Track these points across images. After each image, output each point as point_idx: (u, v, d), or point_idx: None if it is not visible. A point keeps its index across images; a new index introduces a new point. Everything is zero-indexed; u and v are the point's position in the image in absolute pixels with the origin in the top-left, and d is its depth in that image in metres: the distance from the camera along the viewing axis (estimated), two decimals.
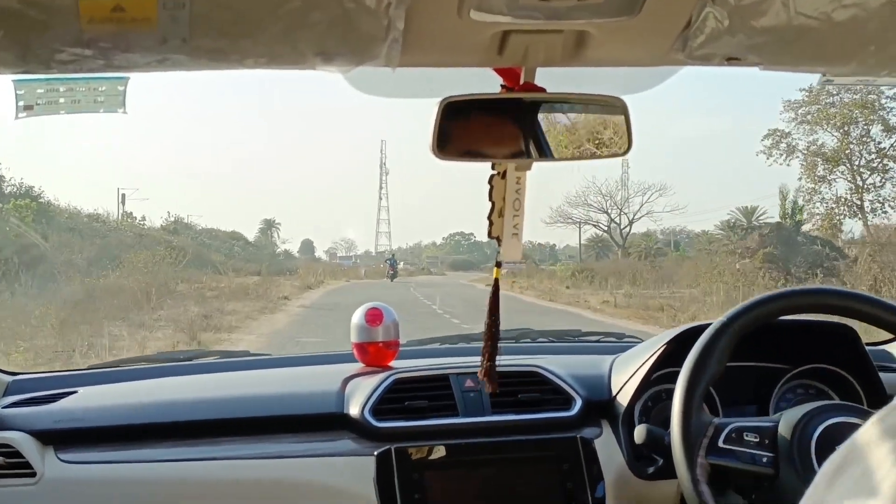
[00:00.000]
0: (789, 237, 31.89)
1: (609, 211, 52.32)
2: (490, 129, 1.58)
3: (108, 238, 31.24)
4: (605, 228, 53.88)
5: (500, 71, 1.59)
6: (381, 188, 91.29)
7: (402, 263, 68.12)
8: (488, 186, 1.68)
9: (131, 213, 44.24)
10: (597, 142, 1.62)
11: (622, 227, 53.23)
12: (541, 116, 1.60)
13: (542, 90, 1.56)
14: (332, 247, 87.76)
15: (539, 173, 1.69)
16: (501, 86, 1.60)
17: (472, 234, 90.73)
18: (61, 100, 1.68)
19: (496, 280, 1.76)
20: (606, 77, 1.68)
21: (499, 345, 2.85)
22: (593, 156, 1.65)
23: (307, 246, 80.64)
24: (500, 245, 1.71)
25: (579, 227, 54.79)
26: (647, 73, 1.74)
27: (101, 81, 1.69)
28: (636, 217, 52.67)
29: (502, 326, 1.87)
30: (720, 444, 1.78)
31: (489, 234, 1.70)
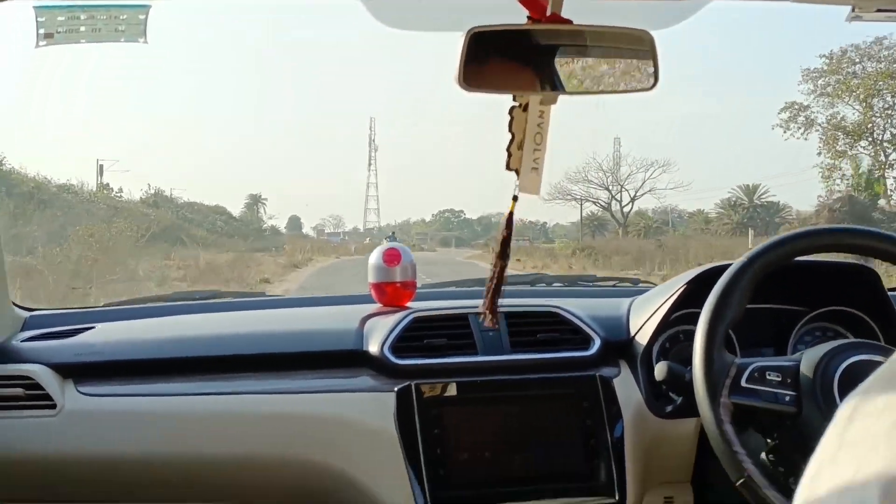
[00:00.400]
0: (864, 212, 29.36)
1: (610, 187, 49.85)
2: (516, 60, 1.56)
3: (74, 210, 27.51)
4: (605, 205, 51.60)
5: (525, 2, 1.57)
6: (369, 164, 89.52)
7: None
8: (508, 118, 1.65)
9: (108, 184, 39.98)
10: (622, 76, 1.60)
11: (623, 204, 50.81)
12: (566, 49, 1.58)
13: (569, 22, 1.54)
14: (319, 223, 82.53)
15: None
16: (527, 17, 1.58)
17: (461, 210, 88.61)
18: (82, 28, 1.66)
19: (510, 213, 1.74)
20: (633, 11, 1.66)
21: (515, 287, 2.86)
22: (619, 90, 1.63)
23: (294, 222, 76.52)
24: (518, 177, 1.68)
25: (580, 204, 51.94)
26: (674, 6, 1.72)
27: (121, 10, 1.67)
28: (638, 194, 50.33)
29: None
30: (743, 383, 1.78)
31: (507, 166, 1.67)
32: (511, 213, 1.76)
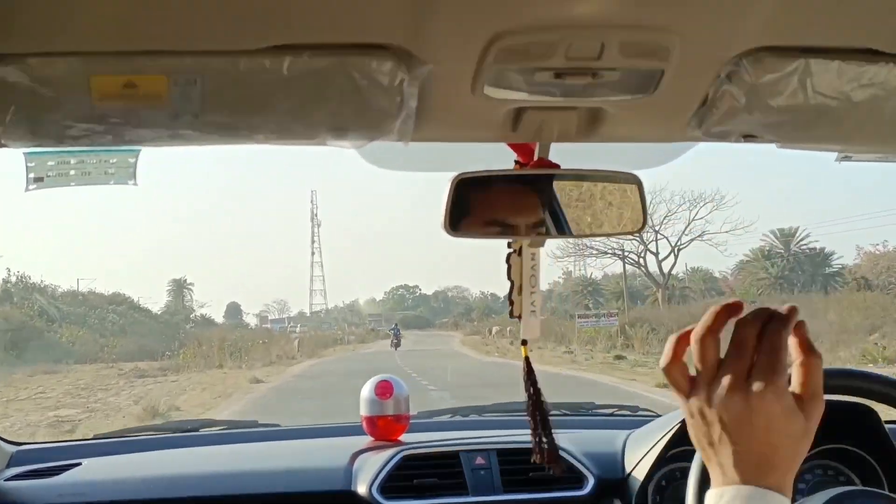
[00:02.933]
0: None
1: (643, 234, 39.13)
2: (504, 205, 1.56)
3: None
4: (636, 261, 41.52)
5: (513, 146, 1.58)
6: (312, 241, 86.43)
7: (344, 325, 61.38)
8: (506, 265, 1.66)
9: None
10: (612, 218, 1.60)
11: (661, 257, 40.80)
12: (555, 192, 1.59)
13: (557, 166, 1.55)
14: (263, 310, 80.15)
15: None
16: (515, 161, 1.58)
17: (416, 286, 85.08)
18: (72, 172, 1.67)
19: (526, 358, 1.73)
20: (621, 152, 1.66)
21: (508, 417, 2.81)
22: (607, 233, 1.63)
23: (234, 310, 73.71)
24: (521, 322, 1.68)
25: (622, 260, 41.65)
26: (663, 148, 1.73)
27: (111, 154, 1.69)
28: (682, 242, 39.45)
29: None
30: None
31: (511, 314, 1.68)
32: (527, 358, 1.75)
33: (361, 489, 2.10)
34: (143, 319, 41.50)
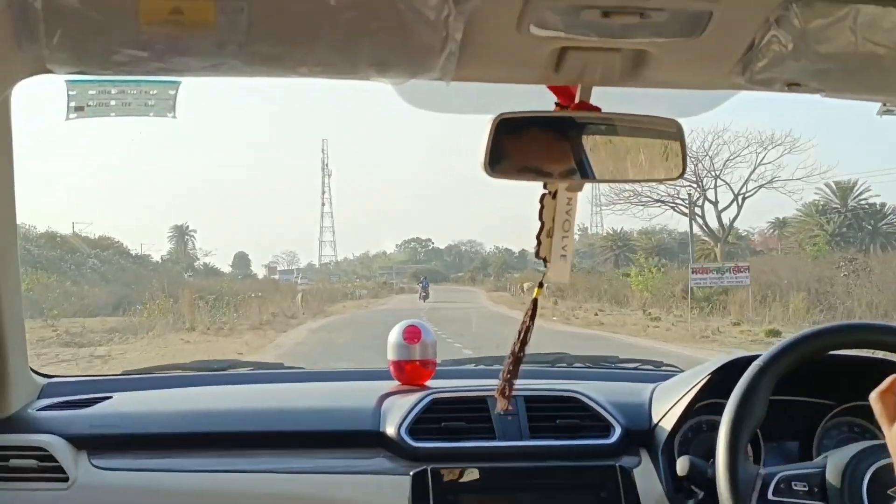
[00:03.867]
0: None
1: (701, 180, 33.23)
2: (543, 147, 1.56)
3: None
4: (686, 209, 35.46)
5: (554, 89, 1.57)
6: (323, 192, 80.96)
7: (356, 279, 58.63)
8: (539, 205, 1.65)
9: None
10: (651, 163, 1.60)
11: (721, 207, 34.72)
12: (595, 136, 1.58)
13: (598, 109, 1.54)
14: (272, 261, 72.87)
15: None
16: (556, 104, 1.57)
17: (429, 239, 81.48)
18: (112, 102, 1.68)
19: (535, 300, 1.73)
20: (661, 99, 1.65)
21: (535, 367, 2.82)
22: (647, 178, 1.62)
23: (241, 260, 67.97)
24: (546, 265, 1.68)
25: (691, 210, 34.95)
26: (703, 96, 1.71)
27: (152, 85, 1.69)
28: (748, 189, 33.05)
29: None
30: (770, 496, 1.72)
31: (537, 255, 1.68)
32: (535, 300, 1.75)
33: (390, 430, 2.12)
34: (131, 267, 35.62)
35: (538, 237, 1.67)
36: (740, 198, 34.39)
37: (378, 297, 46.28)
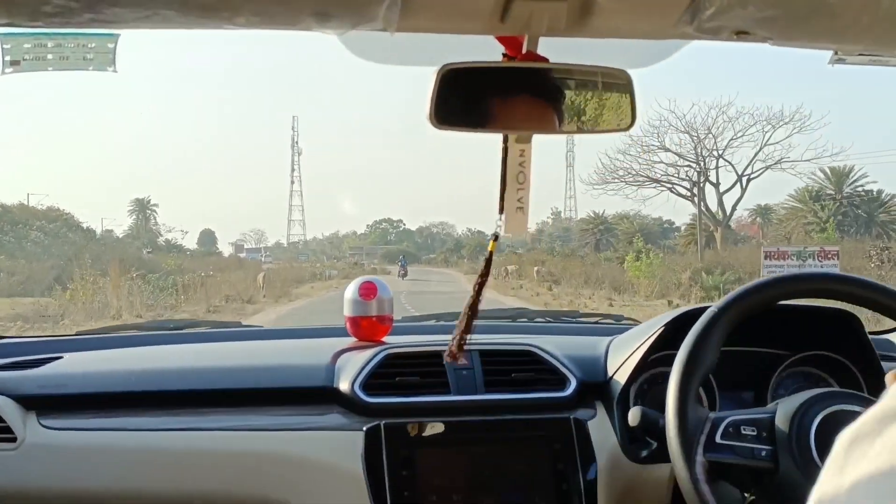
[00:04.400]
0: None
1: (703, 159, 31.78)
2: (490, 98, 1.54)
3: None
4: (688, 191, 33.46)
5: (501, 39, 1.55)
6: (293, 170, 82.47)
7: (323, 258, 56.97)
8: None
9: None
10: (600, 115, 1.58)
11: (723, 189, 33.16)
12: (543, 87, 1.56)
13: (545, 60, 1.52)
14: (239, 239, 74.10)
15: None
16: (503, 55, 1.55)
17: (400, 220, 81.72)
18: (49, 56, 1.64)
19: (490, 253, 1.71)
20: (610, 49, 1.63)
21: (495, 322, 2.82)
22: (596, 129, 1.60)
23: (207, 237, 68.63)
24: (502, 218, 1.66)
25: (671, 191, 33.02)
26: (653, 46, 1.69)
27: (90, 38, 1.65)
28: (754, 168, 31.76)
29: None
30: (717, 439, 1.73)
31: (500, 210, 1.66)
32: (491, 254, 1.74)
33: (343, 386, 2.11)
34: (81, 241, 31.36)
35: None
36: (744, 179, 32.94)
37: (349, 278, 42.75)
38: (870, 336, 2.18)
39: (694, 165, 32.57)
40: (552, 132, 1.58)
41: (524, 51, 1.52)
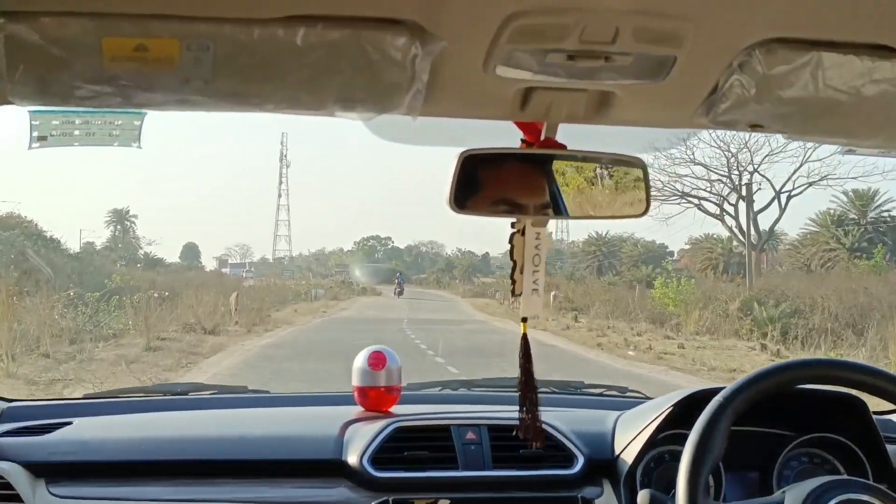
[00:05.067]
0: None
1: (738, 173, 28.44)
2: (509, 183, 1.57)
3: None
4: (718, 208, 30.07)
5: (521, 125, 1.58)
6: (280, 183, 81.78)
7: (310, 276, 54.66)
8: (509, 245, 1.67)
9: None
10: (615, 200, 1.61)
11: (757, 208, 29.49)
12: (560, 173, 1.59)
13: (563, 147, 1.55)
14: (224, 253, 72.52)
15: None
16: (522, 140, 1.58)
17: (388, 238, 79.55)
18: (76, 132, 1.67)
19: (524, 335, 1.75)
20: (627, 135, 1.66)
21: (499, 392, 2.83)
22: (611, 216, 1.63)
23: (190, 251, 66.96)
24: (521, 302, 1.70)
25: (699, 208, 29.63)
26: (668, 132, 1.73)
27: (117, 115, 1.68)
28: (795, 185, 28.33)
29: None
30: None
31: (512, 293, 1.69)
32: (525, 335, 1.77)
33: (352, 459, 2.11)
34: (42, 252, 26.01)
35: (512, 276, 1.69)
36: (783, 196, 29.46)
37: (338, 300, 39.97)
38: (877, 418, 2.19)
39: (726, 180, 29.47)
40: (568, 217, 1.60)
41: (543, 137, 1.55)
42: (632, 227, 43.91)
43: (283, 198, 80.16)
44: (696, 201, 29.65)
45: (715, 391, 1.85)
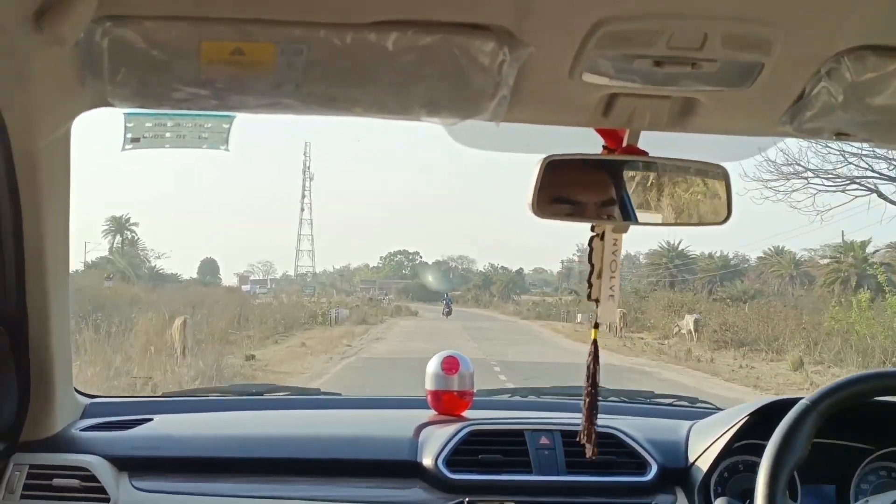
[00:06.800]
0: None
1: None
2: (590, 189, 1.58)
3: None
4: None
5: (602, 131, 1.59)
6: (303, 196, 78.21)
7: (333, 293, 51.15)
8: (588, 248, 1.68)
9: None
10: (697, 208, 1.61)
11: None
12: (641, 179, 1.59)
13: (645, 153, 1.56)
14: (246, 270, 69.39)
15: None
16: (603, 146, 1.59)
17: (416, 252, 75.59)
18: (167, 134, 1.72)
19: (594, 341, 1.75)
20: (707, 143, 1.67)
21: (570, 400, 2.83)
22: (692, 222, 1.63)
23: (209, 267, 63.77)
24: (597, 306, 1.70)
25: (878, 194, 21.31)
26: (750, 141, 1.73)
27: (207, 118, 1.73)
28: None
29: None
30: None
31: (588, 297, 1.70)
32: (595, 341, 1.78)
33: (427, 461, 2.13)
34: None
35: (589, 280, 1.69)
36: None
37: (367, 323, 31.11)
38: None
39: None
40: (651, 224, 1.61)
41: (625, 143, 1.56)
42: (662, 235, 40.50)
43: (307, 211, 77.75)
44: (871, 185, 21.73)
45: (794, 400, 1.84)
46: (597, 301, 1.69)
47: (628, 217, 1.60)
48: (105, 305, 19.44)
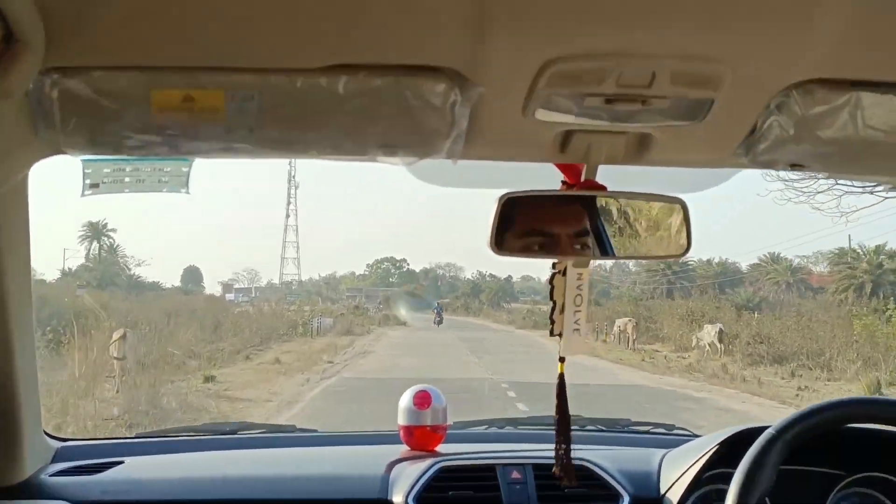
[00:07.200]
0: None
1: None
2: (549, 224, 1.58)
3: None
4: None
5: (561, 166, 1.60)
6: (288, 203, 78.42)
7: (319, 302, 50.19)
8: (549, 286, 1.68)
9: None
10: (657, 241, 1.61)
11: None
12: (601, 214, 1.60)
13: (603, 188, 1.56)
14: (231, 278, 67.95)
15: None
16: (562, 182, 1.60)
17: (403, 260, 75.62)
18: (126, 179, 1.71)
19: (561, 375, 1.75)
20: (667, 174, 1.67)
21: (545, 430, 2.82)
22: (651, 255, 1.64)
23: (192, 275, 63.35)
24: (561, 340, 1.70)
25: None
26: (708, 173, 1.74)
27: (166, 162, 1.73)
28: None
29: None
30: None
31: (551, 333, 1.70)
32: (562, 375, 1.78)
33: (397, 499, 2.12)
34: None
35: (551, 317, 1.70)
36: None
37: (352, 334, 29.70)
38: None
39: None
40: (610, 258, 1.61)
41: (583, 178, 1.56)
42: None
43: (292, 218, 77.55)
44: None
45: (763, 429, 1.84)
46: (560, 335, 1.69)
47: (589, 252, 1.60)
48: (64, 314, 17.68)
